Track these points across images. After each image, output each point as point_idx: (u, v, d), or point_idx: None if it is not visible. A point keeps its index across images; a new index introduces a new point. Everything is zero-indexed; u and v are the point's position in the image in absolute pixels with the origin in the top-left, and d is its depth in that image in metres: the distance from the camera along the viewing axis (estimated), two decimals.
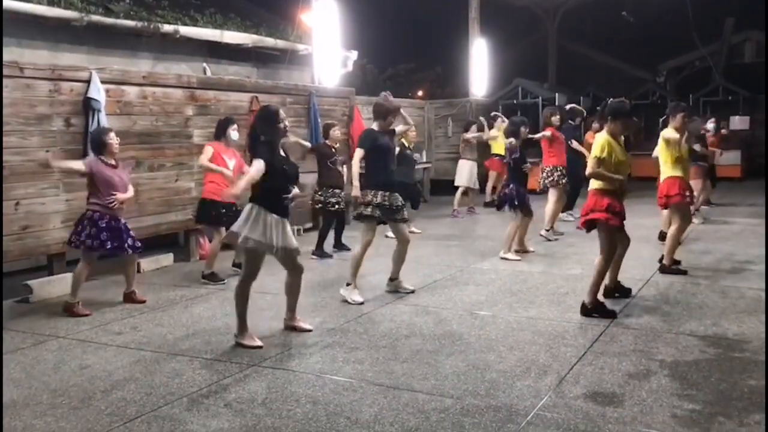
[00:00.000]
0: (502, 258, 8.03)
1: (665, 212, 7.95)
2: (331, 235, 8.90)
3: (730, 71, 20.34)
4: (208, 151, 7.17)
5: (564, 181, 9.53)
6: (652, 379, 4.17)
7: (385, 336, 5.19)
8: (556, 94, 18.03)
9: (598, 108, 8.11)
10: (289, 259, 5.18)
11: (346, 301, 6.25)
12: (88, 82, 7.20)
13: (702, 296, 6.11)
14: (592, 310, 5.59)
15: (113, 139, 6.24)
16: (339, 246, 8.95)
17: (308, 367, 4.57)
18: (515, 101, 17.35)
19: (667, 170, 7.13)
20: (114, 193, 6.14)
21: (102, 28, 9.40)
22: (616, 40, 23.09)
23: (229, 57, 11.54)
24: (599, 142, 5.62)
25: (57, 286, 6.89)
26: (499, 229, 9.98)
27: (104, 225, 6.10)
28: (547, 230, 9.38)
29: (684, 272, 6.97)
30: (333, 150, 8.77)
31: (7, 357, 4.93)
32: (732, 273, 7.03)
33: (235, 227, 5.00)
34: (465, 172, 12.13)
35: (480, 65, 16.92)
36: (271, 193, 5.01)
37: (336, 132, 8.86)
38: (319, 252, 8.51)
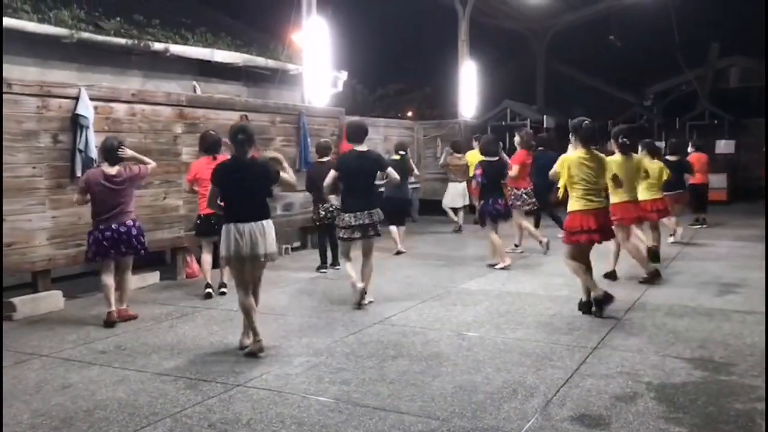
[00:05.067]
0: (490, 266, 8.78)
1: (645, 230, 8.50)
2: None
3: (716, 96, 20.60)
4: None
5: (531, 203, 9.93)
6: (638, 402, 4.17)
7: (372, 356, 5.16)
8: (545, 116, 18.17)
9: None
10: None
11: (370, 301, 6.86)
12: (76, 98, 7.18)
13: (688, 318, 6.13)
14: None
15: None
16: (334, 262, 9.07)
17: (294, 387, 4.54)
18: (504, 123, 17.44)
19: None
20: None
21: (92, 46, 9.41)
22: (603, 63, 23.31)
23: (219, 76, 11.57)
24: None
25: (41, 303, 6.83)
26: (487, 249, 10.00)
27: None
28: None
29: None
30: None
31: None
32: (718, 296, 7.05)
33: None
34: (449, 193, 12.93)
35: (469, 87, 17.05)
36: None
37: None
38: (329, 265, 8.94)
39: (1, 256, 6.43)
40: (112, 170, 6.28)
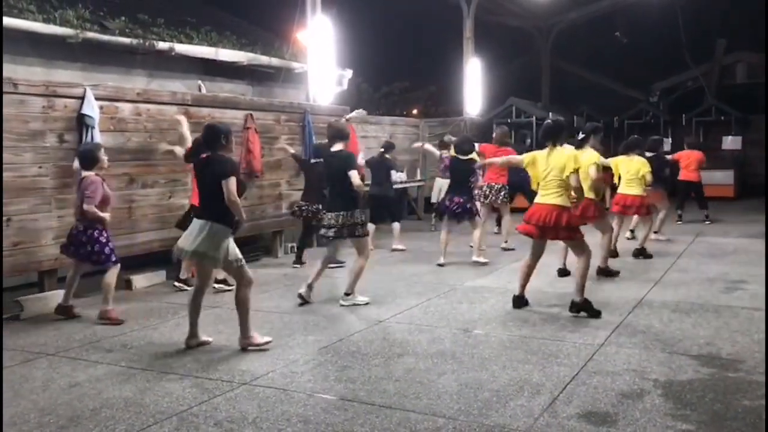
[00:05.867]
0: (475, 261, 8.94)
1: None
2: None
3: (722, 92, 20.50)
4: None
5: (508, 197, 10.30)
6: (645, 399, 4.15)
7: (378, 354, 5.16)
8: (550, 114, 18.11)
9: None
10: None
11: (355, 304, 6.72)
12: (82, 98, 7.19)
13: (695, 315, 6.11)
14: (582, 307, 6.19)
15: (105, 156, 6.47)
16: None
17: (299, 385, 4.54)
18: (509, 120, 17.40)
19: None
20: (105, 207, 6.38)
21: (97, 45, 9.42)
22: (609, 60, 23.22)
23: (224, 75, 11.57)
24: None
25: (48, 302, 6.84)
26: (491, 248, 9.98)
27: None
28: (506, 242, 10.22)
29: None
30: None
31: None
32: (725, 292, 7.03)
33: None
34: (433, 189, 13.02)
35: (474, 84, 17.03)
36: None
37: None
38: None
39: (0, 256, 6.44)
40: (83, 175, 6.36)
